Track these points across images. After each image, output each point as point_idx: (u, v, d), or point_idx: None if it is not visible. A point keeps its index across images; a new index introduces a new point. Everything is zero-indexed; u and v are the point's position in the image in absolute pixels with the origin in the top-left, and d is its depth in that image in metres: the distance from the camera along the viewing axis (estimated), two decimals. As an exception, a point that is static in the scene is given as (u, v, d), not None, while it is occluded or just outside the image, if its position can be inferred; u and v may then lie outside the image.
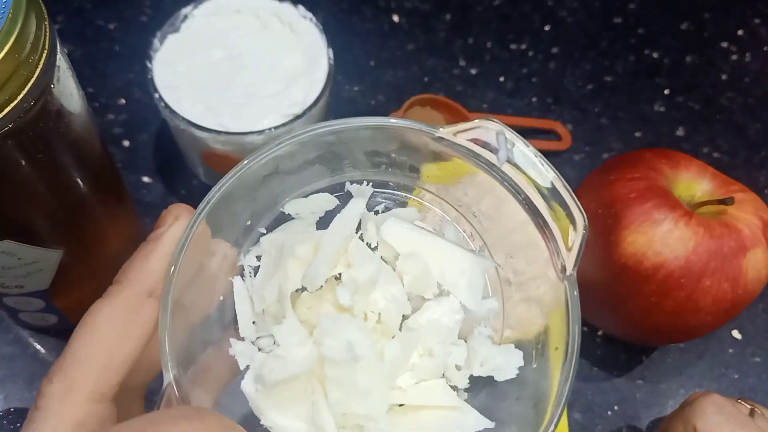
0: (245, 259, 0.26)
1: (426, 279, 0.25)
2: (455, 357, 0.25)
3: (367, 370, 0.23)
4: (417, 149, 0.26)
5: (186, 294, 0.23)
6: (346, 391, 0.23)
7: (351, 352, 0.22)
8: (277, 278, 0.25)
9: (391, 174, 0.27)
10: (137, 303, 0.22)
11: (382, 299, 0.25)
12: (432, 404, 0.25)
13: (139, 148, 0.53)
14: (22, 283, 0.36)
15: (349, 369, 0.23)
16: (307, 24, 0.46)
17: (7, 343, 0.45)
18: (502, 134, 0.23)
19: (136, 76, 0.56)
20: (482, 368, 0.25)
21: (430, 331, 0.25)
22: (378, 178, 0.27)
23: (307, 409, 0.24)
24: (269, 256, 0.26)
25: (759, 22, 0.64)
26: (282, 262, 0.25)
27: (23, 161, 0.28)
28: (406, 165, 0.27)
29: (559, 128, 0.56)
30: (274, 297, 0.25)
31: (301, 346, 0.23)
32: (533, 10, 0.63)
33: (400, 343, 0.24)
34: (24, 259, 0.33)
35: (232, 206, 0.24)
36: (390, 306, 0.25)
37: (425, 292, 0.26)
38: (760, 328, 0.49)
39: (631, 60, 0.61)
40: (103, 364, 0.22)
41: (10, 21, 0.25)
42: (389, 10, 0.62)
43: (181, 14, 0.45)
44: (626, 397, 0.46)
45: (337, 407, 0.23)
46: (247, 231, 0.26)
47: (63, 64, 0.29)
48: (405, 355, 0.24)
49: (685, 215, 0.39)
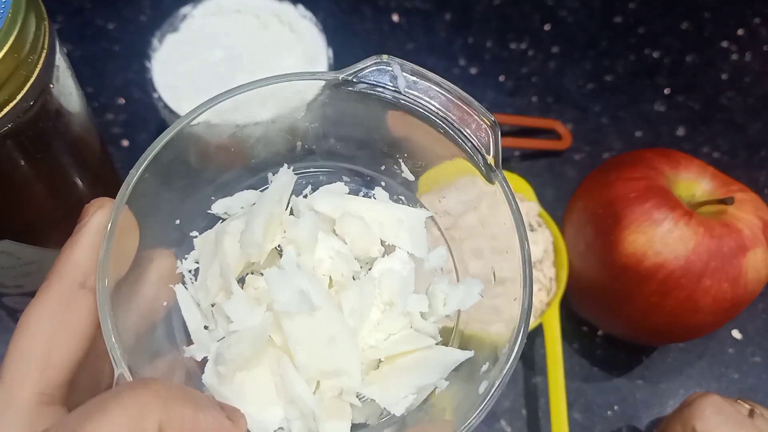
0: (183, 265, 0.25)
1: (367, 235, 0.25)
2: (417, 305, 0.25)
3: (327, 319, 0.22)
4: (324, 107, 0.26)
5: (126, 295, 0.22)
6: (311, 349, 0.22)
7: (306, 302, 0.22)
8: (216, 262, 0.24)
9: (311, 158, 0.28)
10: (69, 295, 0.21)
11: (327, 258, 0.24)
12: (407, 350, 0.24)
13: (138, 147, 0.53)
14: (21, 283, 0.36)
15: (308, 320, 0.22)
16: (307, 24, 0.46)
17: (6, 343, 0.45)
18: (396, 65, 0.24)
19: (136, 76, 0.56)
20: (446, 307, 0.25)
21: (386, 282, 0.25)
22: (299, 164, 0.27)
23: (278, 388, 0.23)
24: (205, 253, 0.25)
25: (759, 21, 0.64)
26: (218, 246, 0.24)
27: (22, 161, 0.28)
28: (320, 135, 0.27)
29: (559, 128, 0.56)
30: (218, 282, 0.24)
31: (253, 314, 0.22)
32: (533, 10, 0.63)
33: (357, 293, 0.24)
34: (23, 258, 0.33)
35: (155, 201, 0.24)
36: (337, 262, 0.24)
37: (370, 250, 0.25)
38: (760, 328, 0.49)
39: (632, 60, 0.61)
40: (40, 363, 0.20)
41: (10, 21, 0.25)
42: (389, 9, 0.62)
43: (180, 14, 0.45)
44: (626, 397, 0.46)
45: (307, 370, 0.22)
46: (181, 239, 0.26)
47: (62, 63, 0.29)
48: (364, 304, 0.24)
49: (685, 215, 0.38)
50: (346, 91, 0.24)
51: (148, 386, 0.18)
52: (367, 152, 0.27)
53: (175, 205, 0.25)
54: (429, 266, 0.26)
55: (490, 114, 0.24)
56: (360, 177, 0.28)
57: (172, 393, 0.18)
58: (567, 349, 0.47)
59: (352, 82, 0.24)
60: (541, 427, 0.44)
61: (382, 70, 0.24)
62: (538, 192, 0.47)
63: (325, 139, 0.27)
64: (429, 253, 0.26)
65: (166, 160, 0.23)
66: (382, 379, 0.24)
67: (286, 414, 0.23)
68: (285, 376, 0.23)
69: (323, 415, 0.23)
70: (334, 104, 0.25)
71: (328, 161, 0.28)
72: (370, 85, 0.24)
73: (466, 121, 0.24)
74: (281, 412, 0.23)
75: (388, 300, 0.25)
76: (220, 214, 0.26)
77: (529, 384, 0.45)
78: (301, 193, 0.26)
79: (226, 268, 0.24)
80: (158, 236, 0.25)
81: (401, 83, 0.24)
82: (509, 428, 0.44)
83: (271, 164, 0.26)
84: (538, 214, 0.45)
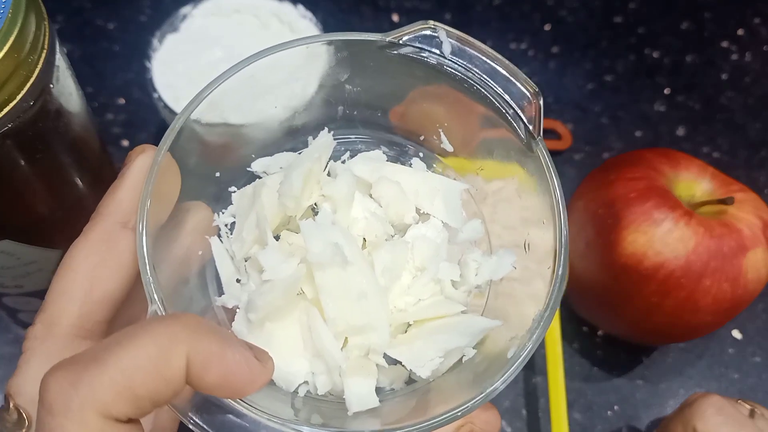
0: (220, 219, 0.25)
1: (403, 201, 0.25)
2: (449, 273, 0.25)
3: (359, 275, 0.22)
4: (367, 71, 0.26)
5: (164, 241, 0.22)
6: (342, 303, 0.22)
7: (339, 255, 0.22)
8: (253, 214, 0.24)
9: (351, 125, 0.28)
10: (111, 234, 0.22)
11: (362, 219, 0.24)
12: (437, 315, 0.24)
13: (139, 147, 0.53)
14: (21, 283, 0.36)
15: (341, 273, 0.22)
16: (307, 23, 0.46)
17: (6, 343, 0.45)
18: (442, 30, 0.24)
19: (136, 76, 0.56)
20: (478, 277, 0.25)
21: (418, 246, 0.25)
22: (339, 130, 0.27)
23: (306, 341, 0.23)
24: (242, 207, 0.25)
25: (759, 21, 0.64)
26: (255, 198, 0.24)
27: (22, 161, 0.28)
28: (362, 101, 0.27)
29: (559, 128, 0.56)
30: (254, 234, 0.24)
31: (286, 264, 0.22)
32: (533, 10, 0.63)
33: (390, 253, 0.24)
34: (23, 258, 0.33)
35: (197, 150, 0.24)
36: (373, 222, 0.24)
37: (405, 216, 0.25)
38: (760, 327, 0.49)
39: (632, 59, 0.61)
40: (81, 298, 0.21)
41: (10, 21, 0.25)
42: (389, 9, 0.62)
43: (180, 14, 0.45)
44: (626, 397, 0.46)
45: (336, 324, 0.22)
46: (219, 193, 0.26)
47: (62, 63, 0.29)
48: (397, 265, 0.24)
49: (685, 215, 0.38)
50: (390, 54, 0.24)
51: (179, 319, 0.18)
52: (410, 120, 0.27)
53: (216, 158, 0.25)
54: (463, 237, 0.26)
55: (533, 83, 0.24)
56: (399, 147, 0.28)
57: (202, 327, 0.18)
58: (567, 349, 0.47)
59: (397, 44, 0.24)
60: (541, 427, 0.44)
61: (427, 36, 0.24)
62: (538, 192, 0.47)
63: (367, 106, 0.27)
64: (464, 225, 0.26)
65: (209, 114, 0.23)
66: (409, 342, 0.23)
67: (312, 368, 0.23)
68: (314, 329, 0.22)
69: (349, 371, 0.22)
70: (378, 68, 0.25)
71: (368, 129, 0.28)
72: (416, 50, 0.24)
73: (509, 90, 0.24)
74: (307, 365, 0.23)
75: (420, 265, 0.25)
76: (258, 172, 0.26)
77: (529, 384, 0.45)
78: (339, 159, 0.26)
79: (262, 219, 0.23)
80: (198, 188, 0.25)
81: (446, 49, 0.24)
82: (509, 428, 0.44)
83: (312, 129, 0.26)
84: (538, 214, 0.45)
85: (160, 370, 0.17)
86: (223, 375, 0.18)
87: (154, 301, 0.20)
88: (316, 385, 0.23)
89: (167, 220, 0.23)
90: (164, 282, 0.21)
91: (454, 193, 0.26)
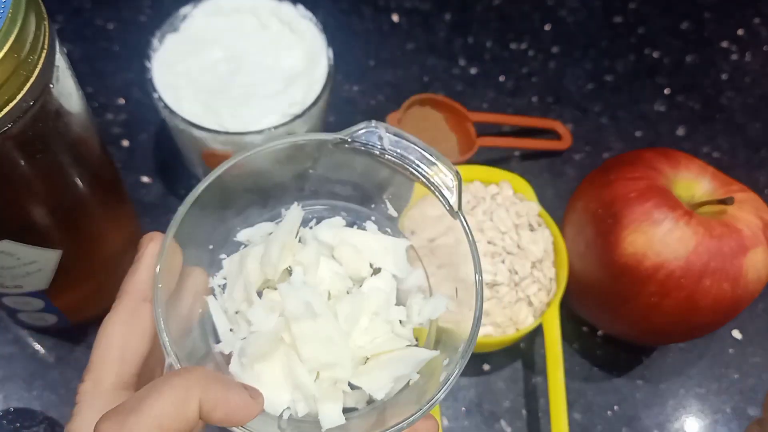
0: (214, 281, 0.32)
1: (359, 259, 0.32)
2: (397, 314, 0.31)
3: (326, 324, 0.29)
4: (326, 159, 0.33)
5: (173, 303, 0.29)
6: (313, 344, 0.29)
7: (310, 309, 0.28)
8: (240, 278, 0.31)
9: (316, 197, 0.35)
10: (136, 308, 0.28)
11: (327, 277, 0.31)
12: (388, 349, 0.31)
13: (139, 148, 0.53)
14: (21, 283, 0.36)
15: (312, 323, 0.29)
16: (307, 24, 0.46)
17: (6, 343, 0.45)
18: (382, 128, 0.31)
19: (136, 76, 0.56)
20: (420, 316, 0.32)
21: (373, 296, 0.31)
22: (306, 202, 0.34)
23: (286, 377, 0.29)
24: (231, 271, 0.32)
25: (759, 21, 0.64)
26: (241, 266, 0.31)
27: (22, 161, 0.28)
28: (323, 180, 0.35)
29: (559, 128, 0.56)
30: (242, 294, 0.31)
31: (268, 318, 0.29)
32: (533, 10, 0.63)
33: (350, 304, 0.30)
34: (23, 259, 0.33)
35: (194, 232, 0.30)
36: (335, 279, 0.32)
37: (361, 271, 0.32)
38: (760, 328, 0.49)
39: (632, 59, 0.61)
40: (119, 359, 0.27)
41: (10, 21, 0.25)
42: (389, 9, 0.62)
43: (180, 14, 0.45)
44: (626, 397, 0.46)
45: (309, 363, 0.29)
46: (212, 260, 0.32)
47: (62, 63, 0.29)
48: (355, 312, 0.30)
49: (685, 215, 0.38)
50: (343, 147, 0.31)
51: (191, 372, 0.25)
52: (360, 193, 0.35)
53: (208, 234, 0.32)
54: (408, 284, 0.33)
55: (453, 166, 0.30)
56: (355, 212, 0.35)
57: (209, 377, 0.25)
58: (567, 349, 0.47)
59: (348, 141, 0.31)
60: (541, 427, 0.44)
61: (371, 131, 0.31)
62: (538, 192, 0.47)
63: (327, 183, 0.35)
64: (408, 275, 0.33)
65: (203, 201, 0.30)
66: (368, 372, 0.30)
67: (293, 396, 0.29)
68: (292, 367, 0.29)
69: (321, 398, 0.29)
70: (335, 157, 0.32)
71: (330, 200, 0.35)
72: (362, 144, 0.31)
73: (435, 171, 0.31)
74: (288, 395, 0.29)
75: (375, 310, 0.31)
76: (243, 240, 0.33)
77: (529, 384, 0.46)
78: (307, 225, 0.33)
79: (248, 283, 0.31)
80: (195, 258, 0.31)
81: (386, 143, 0.31)
82: (509, 428, 0.44)
83: (285, 202, 0.34)
84: (538, 214, 0.45)
85: (181, 413, 0.23)
86: (227, 413, 0.25)
87: (170, 354, 0.27)
88: (296, 410, 0.29)
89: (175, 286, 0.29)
90: (174, 335, 0.28)
91: (400, 250, 0.33)
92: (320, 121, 0.47)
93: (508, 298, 0.42)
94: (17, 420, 0.42)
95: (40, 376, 0.44)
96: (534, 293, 0.42)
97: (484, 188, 0.46)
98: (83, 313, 0.42)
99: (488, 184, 0.46)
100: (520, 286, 0.42)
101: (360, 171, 0.34)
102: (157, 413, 0.23)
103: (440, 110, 0.53)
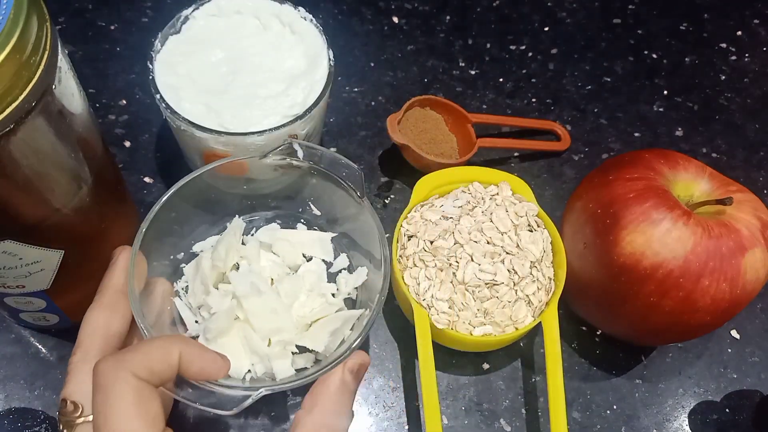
0: (178, 285, 0.41)
1: (294, 252, 0.42)
2: (329, 289, 0.41)
3: (270, 299, 0.38)
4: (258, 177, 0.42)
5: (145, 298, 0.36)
6: (262, 316, 0.37)
7: (255, 288, 0.37)
8: (198, 277, 0.40)
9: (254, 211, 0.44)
10: (115, 298, 0.34)
11: (268, 266, 0.41)
12: (324, 315, 0.39)
13: (140, 148, 0.53)
14: (23, 283, 0.36)
15: (259, 299, 0.37)
16: (308, 25, 0.46)
17: (7, 343, 0.45)
18: (296, 143, 0.39)
19: (137, 77, 0.56)
20: (347, 286, 0.41)
21: (307, 277, 0.41)
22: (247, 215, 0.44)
23: (244, 346, 0.37)
24: (190, 274, 0.41)
25: (758, 22, 0.65)
26: (197, 267, 0.40)
27: (25, 162, 0.29)
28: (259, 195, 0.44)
29: (558, 129, 0.56)
30: (201, 289, 0.39)
31: (224, 300, 0.38)
32: (532, 11, 0.64)
33: (289, 283, 0.39)
34: (25, 259, 0.34)
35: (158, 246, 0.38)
36: (275, 267, 0.41)
37: (296, 260, 0.42)
38: (758, 327, 0.49)
39: (630, 60, 0.61)
40: (103, 336, 0.33)
41: (12, 22, 0.25)
42: (389, 11, 0.62)
43: (181, 15, 0.45)
44: (625, 396, 0.46)
45: (261, 331, 0.37)
46: (174, 268, 0.41)
47: (64, 65, 0.29)
48: (294, 290, 0.39)
49: (684, 215, 0.39)
50: (269, 162, 0.39)
51: (173, 335, 0.33)
52: (291, 201, 0.44)
53: (169, 247, 0.41)
54: (335, 266, 0.43)
55: (356, 166, 0.39)
56: (287, 217, 0.45)
57: (188, 340, 0.30)
58: (566, 348, 0.47)
59: (271, 158, 0.39)
60: (541, 427, 0.44)
61: (289, 147, 0.39)
62: (537, 192, 0.47)
63: (263, 198, 0.44)
64: (335, 259, 0.43)
65: (161, 219, 0.37)
66: (311, 334, 0.38)
67: (251, 360, 0.37)
68: (248, 337, 0.37)
69: (274, 357, 0.37)
70: (266, 175, 0.42)
71: (265, 211, 0.45)
72: (283, 157, 0.39)
73: (345, 170, 0.39)
74: (248, 360, 0.37)
75: (310, 288, 0.40)
76: (198, 251, 0.42)
77: (529, 383, 0.46)
78: (249, 233, 0.43)
79: (204, 277, 0.39)
80: (161, 268, 0.39)
81: (300, 155, 0.39)
82: (509, 427, 0.44)
83: (228, 217, 0.43)
84: (537, 214, 0.45)
85: (166, 359, 0.29)
86: (202, 366, 0.30)
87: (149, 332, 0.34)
88: (255, 371, 0.37)
89: (144, 288, 0.36)
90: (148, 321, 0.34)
91: (326, 241, 0.43)
92: (321, 122, 0.47)
93: (508, 298, 0.42)
94: (19, 420, 0.42)
95: (42, 376, 0.44)
96: (533, 293, 0.42)
97: (483, 189, 0.46)
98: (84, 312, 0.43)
99: (488, 185, 0.47)
100: (520, 286, 0.42)
101: (286, 184, 0.43)
102: (147, 353, 0.28)
103: (440, 111, 0.54)
